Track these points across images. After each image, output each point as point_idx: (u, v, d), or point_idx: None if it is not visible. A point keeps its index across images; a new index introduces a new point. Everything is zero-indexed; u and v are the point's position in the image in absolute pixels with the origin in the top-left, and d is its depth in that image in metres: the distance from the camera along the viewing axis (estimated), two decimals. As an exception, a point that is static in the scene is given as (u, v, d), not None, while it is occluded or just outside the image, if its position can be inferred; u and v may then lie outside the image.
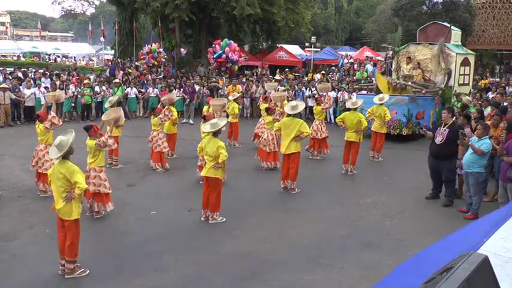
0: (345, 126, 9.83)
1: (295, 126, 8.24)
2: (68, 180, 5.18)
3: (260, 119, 11.89)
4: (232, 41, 21.75)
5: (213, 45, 21.67)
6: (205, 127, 7.16)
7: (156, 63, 23.93)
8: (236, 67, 22.19)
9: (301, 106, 8.84)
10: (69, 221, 5.24)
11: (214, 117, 8.45)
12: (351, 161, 9.85)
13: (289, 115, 8.53)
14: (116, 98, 10.91)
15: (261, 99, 12.88)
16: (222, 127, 6.99)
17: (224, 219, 7.01)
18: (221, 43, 21.32)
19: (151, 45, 24.82)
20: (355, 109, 9.78)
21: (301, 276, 5.38)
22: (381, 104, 10.83)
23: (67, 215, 5.23)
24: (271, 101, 11.51)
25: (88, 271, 5.38)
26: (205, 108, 11.55)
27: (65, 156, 5.28)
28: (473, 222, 3.20)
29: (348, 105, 10.27)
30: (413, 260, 2.74)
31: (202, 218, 7.03)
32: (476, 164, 7.20)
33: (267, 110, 10.37)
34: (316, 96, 12.68)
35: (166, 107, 10.46)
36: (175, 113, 10.75)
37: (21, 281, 5.27)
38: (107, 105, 10.74)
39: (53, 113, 8.26)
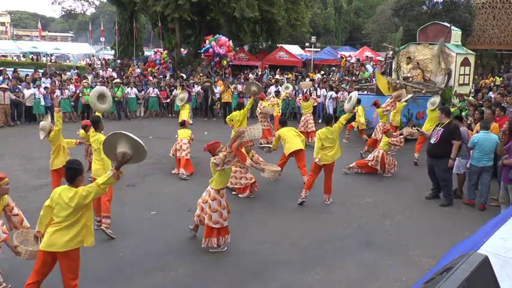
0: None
1: (336, 133, 7.76)
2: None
3: (302, 118, 13.07)
4: (222, 36, 21.49)
5: (205, 41, 21.69)
6: None
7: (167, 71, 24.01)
8: (225, 62, 21.94)
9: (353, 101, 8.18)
10: None
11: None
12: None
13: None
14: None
15: (300, 98, 13.99)
16: None
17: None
18: (210, 38, 21.25)
19: (160, 53, 24.75)
20: (435, 109, 10.05)
21: (301, 276, 5.38)
22: (434, 109, 10.40)
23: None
24: (307, 99, 13.17)
25: None
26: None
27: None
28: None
29: (428, 106, 10.69)
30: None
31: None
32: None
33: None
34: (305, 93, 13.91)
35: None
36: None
37: (22, 281, 5.26)
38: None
39: None
